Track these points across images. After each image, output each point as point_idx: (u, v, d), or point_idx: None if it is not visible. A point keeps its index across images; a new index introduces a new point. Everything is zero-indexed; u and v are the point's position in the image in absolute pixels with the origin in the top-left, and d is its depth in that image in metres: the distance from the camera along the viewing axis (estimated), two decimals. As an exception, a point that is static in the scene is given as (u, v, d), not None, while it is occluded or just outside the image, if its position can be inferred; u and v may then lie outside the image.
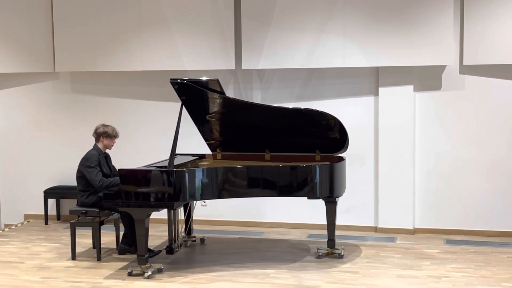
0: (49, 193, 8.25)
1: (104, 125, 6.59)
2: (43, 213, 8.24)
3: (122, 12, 7.79)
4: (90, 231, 6.76)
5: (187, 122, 6.69)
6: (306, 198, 6.29)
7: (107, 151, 6.67)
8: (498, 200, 7.25)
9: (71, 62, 8.03)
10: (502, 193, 7.23)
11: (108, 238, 7.14)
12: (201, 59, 7.61)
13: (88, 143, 6.66)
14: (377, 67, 7.38)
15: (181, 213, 6.93)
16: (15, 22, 8.03)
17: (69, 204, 7.88)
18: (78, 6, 7.92)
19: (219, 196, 6.09)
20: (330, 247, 6.53)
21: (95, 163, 6.35)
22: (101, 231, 6.51)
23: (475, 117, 7.26)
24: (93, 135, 6.59)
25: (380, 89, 7.40)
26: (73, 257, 6.54)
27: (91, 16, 7.88)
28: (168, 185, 5.82)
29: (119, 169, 5.98)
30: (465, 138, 7.30)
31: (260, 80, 7.79)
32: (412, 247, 6.87)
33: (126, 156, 7.59)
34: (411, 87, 7.32)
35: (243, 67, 7.57)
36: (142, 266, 5.96)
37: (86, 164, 6.37)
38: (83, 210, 6.43)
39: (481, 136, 7.25)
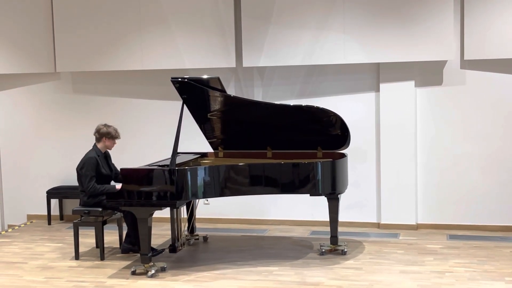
0: (51, 193, 8.27)
1: (106, 126, 6.55)
2: (46, 213, 8.26)
3: (122, 12, 7.79)
4: (93, 230, 6.76)
5: (189, 120, 6.69)
6: (309, 195, 6.29)
7: (108, 150, 6.67)
8: (500, 194, 7.24)
9: (72, 62, 8.03)
10: (505, 188, 7.22)
11: (111, 237, 7.15)
12: (202, 57, 7.61)
13: (90, 143, 6.65)
14: (378, 63, 7.38)
15: (183, 211, 6.95)
16: (16, 22, 8.02)
17: (72, 204, 7.89)
18: (78, 6, 7.92)
19: (221, 194, 6.09)
20: (333, 244, 6.53)
21: (91, 168, 6.31)
22: (104, 230, 6.52)
23: (477, 112, 7.25)
24: (94, 135, 6.58)
25: (381, 85, 7.40)
26: (77, 257, 6.55)
27: (91, 16, 7.89)
28: (170, 183, 5.82)
29: (121, 169, 5.98)
30: (466, 133, 7.29)
31: (261, 78, 7.79)
32: (415, 243, 6.87)
33: (128, 155, 7.60)
34: (412, 83, 7.31)
35: (243, 65, 7.57)
36: (146, 265, 5.97)
37: (81, 167, 6.37)
38: (86, 210, 6.43)
39: (483, 131, 7.24)
